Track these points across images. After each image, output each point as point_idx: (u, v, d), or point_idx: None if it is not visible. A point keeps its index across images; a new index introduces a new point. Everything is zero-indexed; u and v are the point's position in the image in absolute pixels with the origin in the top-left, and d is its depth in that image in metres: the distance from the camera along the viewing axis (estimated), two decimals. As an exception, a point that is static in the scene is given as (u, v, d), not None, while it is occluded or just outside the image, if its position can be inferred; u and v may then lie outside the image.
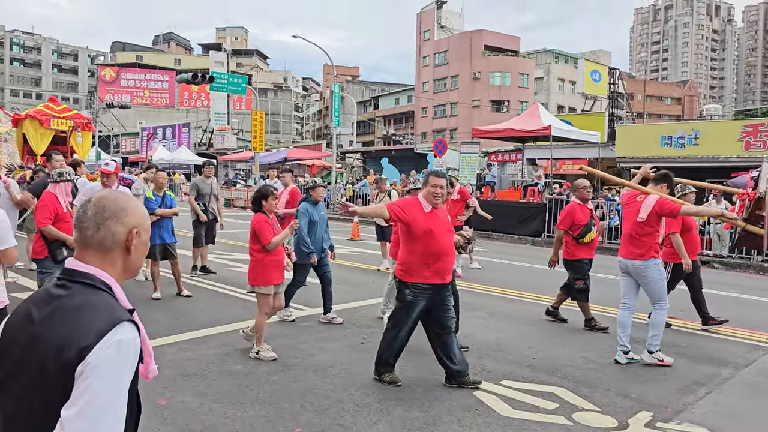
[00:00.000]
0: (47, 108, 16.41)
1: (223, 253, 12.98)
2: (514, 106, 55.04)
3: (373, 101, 76.38)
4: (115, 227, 1.64)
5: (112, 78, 66.87)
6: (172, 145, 43.68)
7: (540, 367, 5.80)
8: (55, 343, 1.48)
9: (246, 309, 7.78)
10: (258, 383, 5.05)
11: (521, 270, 11.92)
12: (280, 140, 73.35)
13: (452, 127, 58.08)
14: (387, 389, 5.05)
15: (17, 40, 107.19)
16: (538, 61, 62.81)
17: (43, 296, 1.60)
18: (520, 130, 19.84)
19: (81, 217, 1.64)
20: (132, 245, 1.67)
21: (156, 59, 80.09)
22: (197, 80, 22.94)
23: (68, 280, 1.59)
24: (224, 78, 28.10)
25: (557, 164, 24.30)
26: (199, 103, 65.61)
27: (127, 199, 1.70)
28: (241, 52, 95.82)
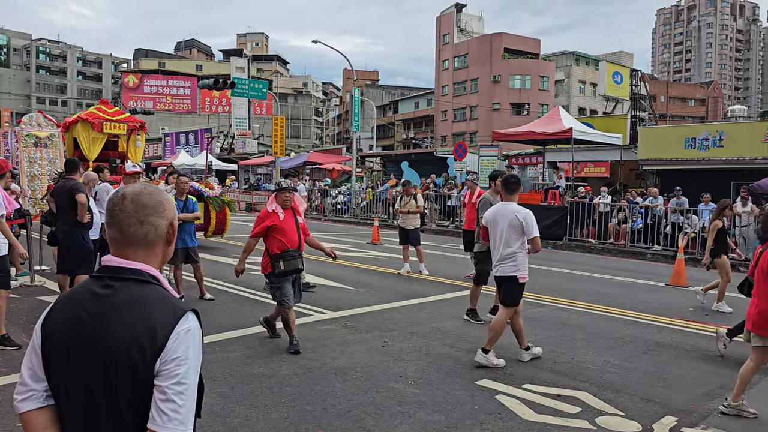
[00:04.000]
0: (99, 110, 15.15)
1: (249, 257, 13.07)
2: (535, 108, 54.71)
3: (392, 105, 76.46)
4: (157, 221, 1.66)
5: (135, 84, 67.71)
6: (195, 150, 44.10)
7: (562, 371, 5.76)
8: (123, 338, 1.51)
9: (267, 312, 7.83)
10: (280, 386, 5.08)
11: (542, 273, 11.83)
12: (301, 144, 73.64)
13: (472, 130, 57.91)
14: (408, 392, 5.05)
15: (43, 48, 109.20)
16: (559, 63, 62.40)
17: (89, 296, 1.59)
18: (541, 133, 19.70)
19: (118, 215, 1.64)
20: (172, 237, 1.72)
21: (178, 65, 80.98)
22: (219, 86, 23.15)
23: (113, 277, 1.60)
24: (245, 83, 28.33)
25: (578, 167, 24.09)
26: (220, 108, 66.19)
27: (161, 192, 1.73)
28: (261, 57, 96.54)
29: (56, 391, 1.60)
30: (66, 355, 1.57)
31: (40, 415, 1.60)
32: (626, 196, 18.76)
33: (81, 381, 1.55)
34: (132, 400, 1.52)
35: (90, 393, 1.54)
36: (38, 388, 1.61)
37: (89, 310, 1.57)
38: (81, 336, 1.55)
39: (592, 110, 58.40)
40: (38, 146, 14.20)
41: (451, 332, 7.12)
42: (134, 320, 1.53)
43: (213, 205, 13.65)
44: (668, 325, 7.88)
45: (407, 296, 9.18)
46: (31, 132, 14.33)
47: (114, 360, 1.51)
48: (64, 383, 1.58)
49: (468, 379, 5.43)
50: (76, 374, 1.55)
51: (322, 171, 35.62)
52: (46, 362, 1.60)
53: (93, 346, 1.53)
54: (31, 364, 1.62)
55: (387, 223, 22.57)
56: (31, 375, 1.62)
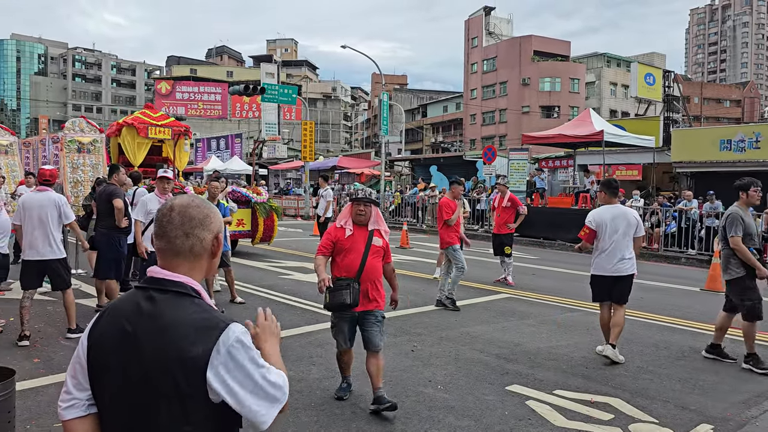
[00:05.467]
0: (144, 115, 14.94)
1: (277, 261, 13.21)
2: (565, 111, 54.13)
3: (421, 109, 76.38)
4: (203, 234, 1.68)
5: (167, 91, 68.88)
6: (225, 156, 44.67)
7: (594, 377, 5.69)
8: (163, 352, 1.53)
9: (299, 316, 7.90)
10: (310, 389, 5.12)
11: (573, 278, 11.70)
12: (330, 149, 74.16)
13: (501, 133, 57.53)
14: (437, 397, 5.04)
15: (79, 57, 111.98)
16: (589, 65, 61.65)
17: (132, 308, 1.61)
18: (572, 136, 19.51)
19: (166, 227, 1.66)
20: (217, 250, 1.73)
21: (209, 72, 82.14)
22: (249, 92, 23.43)
23: (157, 289, 1.62)
24: (275, 89, 28.67)
25: (610, 170, 23.75)
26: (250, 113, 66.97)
27: (209, 206, 1.74)
28: (291, 63, 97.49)
29: (99, 400, 1.63)
30: (109, 366, 1.59)
31: (82, 423, 1.64)
32: (659, 199, 18.45)
33: (124, 391, 1.57)
34: (173, 411, 1.53)
35: (133, 403, 1.56)
36: (81, 397, 1.64)
37: (132, 322, 1.59)
38: (124, 348, 1.57)
39: (624, 112, 57.53)
40: (81, 152, 14.24)
41: (481, 337, 7.08)
42: (176, 335, 1.54)
43: (260, 212, 13.43)
44: (704, 330, 7.71)
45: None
46: (74, 138, 14.46)
47: (156, 374, 1.53)
48: (107, 393, 1.60)
49: (498, 384, 5.39)
50: (119, 385, 1.57)
51: (351, 175, 35.80)
52: (90, 372, 1.62)
53: (135, 359, 1.55)
54: (76, 373, 1.65)
55: (416, 228, 22.56)
56: (75, 384, 1.65)
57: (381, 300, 4.76)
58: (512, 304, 9.10)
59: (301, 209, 28.95)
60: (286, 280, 10.75)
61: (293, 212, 29.21)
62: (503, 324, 7.80)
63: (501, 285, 10.75)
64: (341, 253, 4.69)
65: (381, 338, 4.76)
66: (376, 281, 4.74)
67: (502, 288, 10.44)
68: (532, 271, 12.61)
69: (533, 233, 18.34)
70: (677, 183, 23.31)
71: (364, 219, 4.75)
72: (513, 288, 10.49)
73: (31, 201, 6.49)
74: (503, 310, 8.64)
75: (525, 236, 18.12)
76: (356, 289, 4.56)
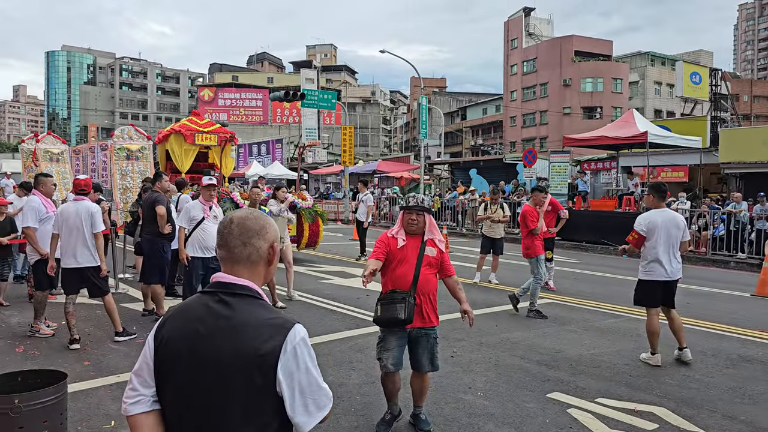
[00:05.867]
0: (191, 122, 15.11)
1: (317, 265, 13.32)
2: (608, 112, 53.16)
3: (460, 112, 76.06)
4: (259, 243, 1.82)
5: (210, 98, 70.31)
6: (266, 161, 45.30)
7: (638, 385, 5.57)
8: (238, 350, 1.65)
9: (339, 321, 7.96)
10: (350, 394, 5.16)
11: (617, 282, 11.48)
12: (369, 153, 74.42)
13: (542, 135, 56.85)
14: (477, 404, 5.02)
15: (126, 66, 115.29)
16: (633, 64, 60.42)
17: (203, 310, 1.74)
18: (614, 138, 19.16)
19: (227, 237, 1.82)
20: (273, 258, 1.87)
21: (250, 78, 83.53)
22: (289, 98, 23.73)
23: (225, 293, 1.75)
24: (314, 95, 28.96)
25: (654, 171, 23.21)
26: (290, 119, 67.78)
27: (265, 217, 1.89)
28: (330, 68, 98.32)
29: (164, 397, 1.75)
30: (180, 365, 1.71)
31: (147, 418, 1.76)
32: (706, 201, 17.94)
33: (196, 388, 1.68)
34: (248, 405, 1.66)
35: (202, 399, 1.68)
36: (147, 394, 1.77)
37: (205, 323, 1.71)
38: (197, 347, 1.69)
39: (669, 112, 56.19)
40: (130, 159, 14.59)
41: (521, 343, 7.02)
42: (248, 334, 1.67)
43: (306, 217, 13.42)
44: (754, 338, 7.48)
45: (476, 306, 9.09)
46: (123, 145, 14.84)
47: (232, 371, 1.65)
48: (174, 390, 1.72)
49: (539, 391, 5.34)
50: (191, 382, 1.69)
51: (391, 179, 35.86)
52: (156, 370, 1.75)
53: (209, 357, 1.67)
54: (142, 371, 1.78)
55: (455, 231, 22.47)
56: (140, 381, 1.77)
57: (435, 318, 4.39)
58: (553, 309, 8.98)
59: (340, 213, 29.14)
60: (326, 284, 10.84)
61: (333, 216, 29.40)
62: (544, 330, 7.71)
63: (542, 289, 10.60)
64: (393, 264, 4.33)
65: (435, 361, 4.40)
66: (431, 296, 4.34)
67: (543, 293, 10.31)
68: (573, 275, 12.42)
69: (575, 237, 18.06)
70: (725, 184, 22.62)
71: (417, 228, 4.38)
72: (554, 293, 10.36)
73: (67, 210, 6.69)
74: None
75: (567, 240, 17.85)
76: (411, 304, 4.16)
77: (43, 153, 17.61)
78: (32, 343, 6.72)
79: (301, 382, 1.67)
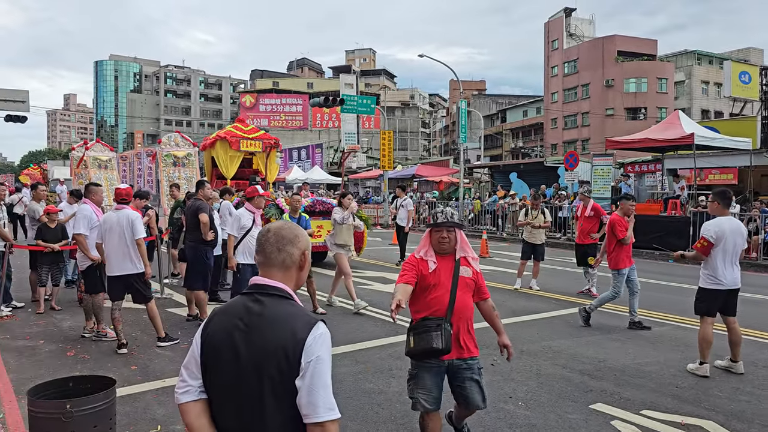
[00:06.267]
0: (236, 129, 15.42)
1: (356, 270, 13.36)
2: (652, 113, 52.01)
3: (500, 114, 75.46)
4: (292, 250, 2.05)
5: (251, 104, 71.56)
6: (306, 165, 45.80)
7: (685, 397, 5.43)
8: (271, 343, 1.86)
9: (379, 327, 7.99)
10: (390, 403, 5.17)
11: (663, 289, 11.21)
12: (408, 157, 74.44)
13: (584, 137, 55.96)
14: (519, 414, 4.97)
15: (170, 74, 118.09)
16: (678, 63, 58.96)
17: (242, 309, 1.96)
18: (659, 140, 18.70)
19: (264, 243, 2.06)
20: (304, 264, 2.09)
21: (291, 84, 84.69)
22: (329, 103, 23.99)
23: (260, 293, 1.98)
24: (354, 100, 29.13)
25: (702, 174, 22.59)
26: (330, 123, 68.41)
27: (298, 228, 2.13)
28: (369, 72, 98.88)
29: (210, 387, 1.98)
30: (221, 358, 1.93)
31: (195, 406, 1.99)
32: (757, 204, 17.37)
33: (235, 377, 1.90)
34: (278, 392, 1.85)
35: (239, 388, 1.89)
36: (194, 385, 2.00)
37: (243, 320, 1.93)
38: (236, 341, 1.91)
39: (717, 112, 54.63)
40: (176, 165, 14.91)
41: (563, 351, 6.91)
42: (279, 328, 1.89)
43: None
44: (808, 348, 7.20)
45: (516, 312, 9.02)
46: (170, 152, 15.19)
47: (264, 360, 1.86)
48: (218, 380, 1.94)
49: (581, 402, 5.25)
50: (230, 372, 1.91)
51: (430, 183, 35.81)
52: (203, 364, 1.98)
53: (247, 349, 1.89)
54: (190, 365, 2.01)
55: (495, 236, 22.29)
56: (189, 374, 2.01)
57: (474, 346, 3.89)
58: (596, 317, 8.82)
59: (380, 218, 29.22)
60: (366, 290, 10.87)
61: (373, 221, 29.49)
62: (587, 338, 7.58)
63: (585, 296, 10.45)
64: (425, 290, 3.77)
65: (484, 396, 3.87)
66: (469, 322, 3.87)
67: (586, 300, 10.13)
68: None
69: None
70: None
71: (448, 247, 3.84)
72: (597, 300, 10.16)
73: (110, 219, 6.86)
74: (587, 324, 8.38)
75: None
76: (448, 332, 3.63)
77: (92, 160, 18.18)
78: (82, 347, 6.94)
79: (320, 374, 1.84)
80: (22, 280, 10.14)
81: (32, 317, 8.49)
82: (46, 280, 9.01)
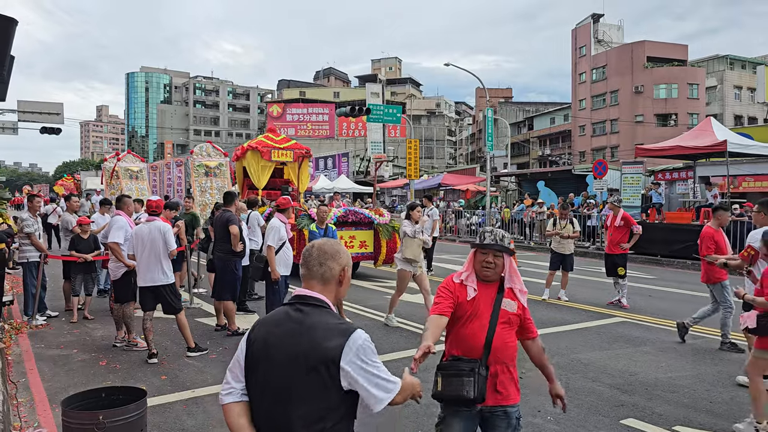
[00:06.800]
0: (267, 138, 15.30)
1: (381, 280, 13.38)
2: (683, 119, 51.17)
3: (527, 122, 74.96)
4: (332, 265, 2.24)
5: (278, 113, 72.21)
6: (333, 174, 46.04)
7: (720, 413, 5.31)
8: (312, 349, 2.04)
9: (403, 338, 7.98)
10: (416, 415, 5.16)
11: (696, 300, 10.98)
12: (434, 165, 74.38)
13: (613, 144, 55.29)
14: (547, 428, 4.91)
15: (199, 84, 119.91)
16: (710, 68, 57.99)
17: (285, 317, 2.15)
18: (690, 147, 18.36)
19: (308, 257, 2.25)
20: (344, 279, 2.27)
21: (317, 93, 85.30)
22: (355, 113, 24.10)
23: (301, 303, 2.17)
24: (380, 109, 29.20)
25: (735, 181, 22.13)
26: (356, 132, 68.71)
27: (339, 245, 2.31)
28: (395, 81, 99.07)
29: (251, 389, 2.14)
30: (260, 362, 2.11)
31: (236, 406, 2.16)
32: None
33: (270, 381, 2.08)
34: (310, 397, 2.03)
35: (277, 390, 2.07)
36: (237, 387, 2.17)
37: (283, 327, 2.13)
38: (274, 346, 2.09)
39: (751, 117, 53.53)
40: (208, 175, 15.07)
41: (593, 364, 6.82)
42: (318, 336, 2.05)
43: (383, 233, 13.19)
44: None
45: (544, 324, 8.92)
46: (202, 162, 15.36)
47: (305, 365, 2.03)
48: (259, 383, 2.12)
49: (612, 417, 5.17)
50: (271, 376, 2.08)
51: (456, 192, 35.69)
52: (247, 368, 2.15)
53: (283, 354, 2.07)
54: (234, 368, 2.19)
55: (523, 245, 22.11)
56: (233, 377, 2.19)
57: (516, 390, 3.31)
58: (627, 328, 8.69)
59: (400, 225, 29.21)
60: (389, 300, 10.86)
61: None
62: (617, 351, 7.47)
63: (614, 308, 10.30)
64: (460, 320, 3.25)
65: None
66: (509, 364, 3.26)
67: (616, 311, 9.99)
68: (648, 292, 11.97)
69: (650, 251, 17.42)
70: (814, 194, 21.30)
71: (493, 274, 3.26)
72: (627, 311, 10.01)
73: (141, 231, 7.01)
74: (617, 336, 8.27)
75: (640, 254, 17.25)
76: (483, 377, 3.09)
77: (124, 171, 18.57)
78: (114, 357, 7.07)
79: (365, 373, 2.04)
80: (56, 289, 10.39)
81: (66, 326, 8.67)
82: (79, 289, 9.22)
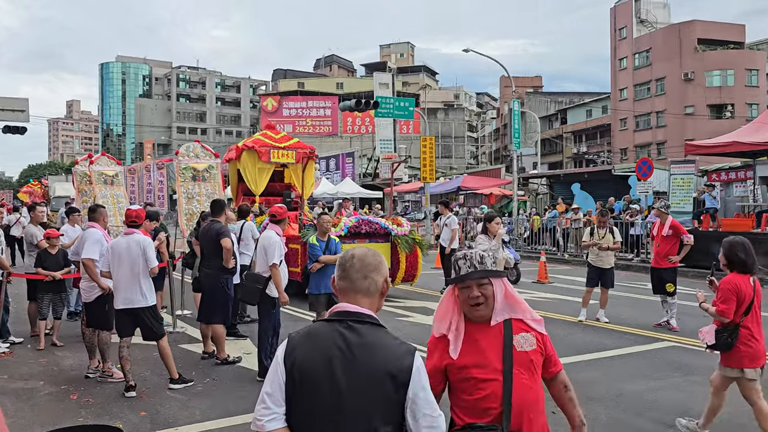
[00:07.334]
0: (265, 137, 14.82)
1: (396, 299, 13.37)
2: (741, 110, 50.99)
3: (559, 115, 74.92)
4: (376, 277, 2.39)
5: (273, 108, 72.52)
6: (336, 177, 45.99)
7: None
8: (377, 370, 2.18)
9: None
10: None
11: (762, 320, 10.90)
12: (453, 166, 74.34)
13: (659, 140, 55.18)
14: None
15: (183, 75, 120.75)
16: (771, 52, 57.76)
17: (336, 335, 2.24)
18: (749, 143, 18.31)
19: (349, 269, 2.37)
20: (386, 291, 2.43)
21: (318, 85, 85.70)
22: (361, 107, 24.10)
23: (354, 320, 2.27)
24: (389, 102, 29.21)
25: (802, 182, 21.98)
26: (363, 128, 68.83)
27: (380, 255, 2.46)
28: (407, 69, 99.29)
29: (294, 414, 2.24)
30: (317, 385, 2.21)
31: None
32: None
33: (334, 404, 2.18)
34: (377, 419, 2.18)
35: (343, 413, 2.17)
36: (279, 412, 2.26)
37: (340, 348, 2.22)
38: (337, 369, 2.19)
39: (820, 108, 53.21)
40: (196, 180, 14.30)
41: (638, 397, 6.79)
42: (382, 356, 2.21)
43: (402, 246, 12.85)
44: None
45: (581, 350, 8.89)
46: (189, 164, 14.81)
47: (368, 386, 2.17)
48: (309, 407, 2.21)
49: (659, 458, 5.14)
50: (329, 399, 2.19)
51: (478, 196, 35.58)
52: (288, 390, 2.24)
53: (351, 377, 2.18)
54: (274, 391, 2.26)
55: (555, 257, 22.06)
56: (274, 401, 2.26)
57: None
58: (677, 354, 8.64)
59: (421, 237, 29.21)
60: (404, 322, 10.89)
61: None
62: (665, 380, 7.44)
63: (662, 330, 10.25)
64: (463, 382, 2.85)
65: None
66: (534, 413, 2.83)
67: (664, 334, 9.95)
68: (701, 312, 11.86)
69: (702, 264, 17.30)
70: None
71: (485, 310, 2.86)
72: (677, 334, 9.97)
73: (118, 246, 6.94)
74: (665, 363, 8.24)
75: (691, 267, 17.14)
76: None
77: (98, 175, 18.57)
78: (86, 389, 7.10)
79: (426, 399, 2.23)
80: (20, 312, 10.44)
81: (31, 354, 8.73)
82: (46, 312, 9.24)
